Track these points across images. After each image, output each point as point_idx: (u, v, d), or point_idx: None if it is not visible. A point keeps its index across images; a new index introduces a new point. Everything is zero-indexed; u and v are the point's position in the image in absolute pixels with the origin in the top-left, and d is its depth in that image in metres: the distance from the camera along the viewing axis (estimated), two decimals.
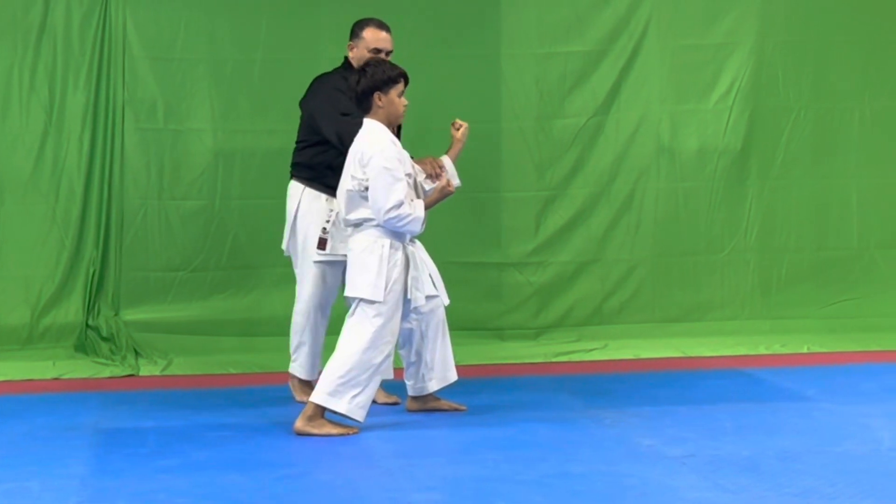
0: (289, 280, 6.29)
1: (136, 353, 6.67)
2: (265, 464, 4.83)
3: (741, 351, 7.01)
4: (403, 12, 6.93)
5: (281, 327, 6.50)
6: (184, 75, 6.77)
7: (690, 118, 7.20)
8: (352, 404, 5.18)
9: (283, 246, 5.89)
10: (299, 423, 5.22)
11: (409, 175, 5.34)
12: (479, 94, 7.04)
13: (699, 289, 7.25)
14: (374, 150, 5.25)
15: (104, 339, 6.70)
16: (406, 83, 5.39)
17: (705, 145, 7.22)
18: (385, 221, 5.23)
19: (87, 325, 6.74)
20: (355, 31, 5.86)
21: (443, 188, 5.41)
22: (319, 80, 5.85)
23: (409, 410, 5.62)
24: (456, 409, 5.63)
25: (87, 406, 5.81)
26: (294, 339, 5.86)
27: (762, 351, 7.03)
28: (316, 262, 5.74)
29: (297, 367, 5.86)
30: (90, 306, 6.75)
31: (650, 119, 7.17)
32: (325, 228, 5.72)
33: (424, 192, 5.46)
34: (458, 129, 5.67)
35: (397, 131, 5.59)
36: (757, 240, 7.29)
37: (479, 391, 6.07)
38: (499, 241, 7.10)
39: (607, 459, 4.79)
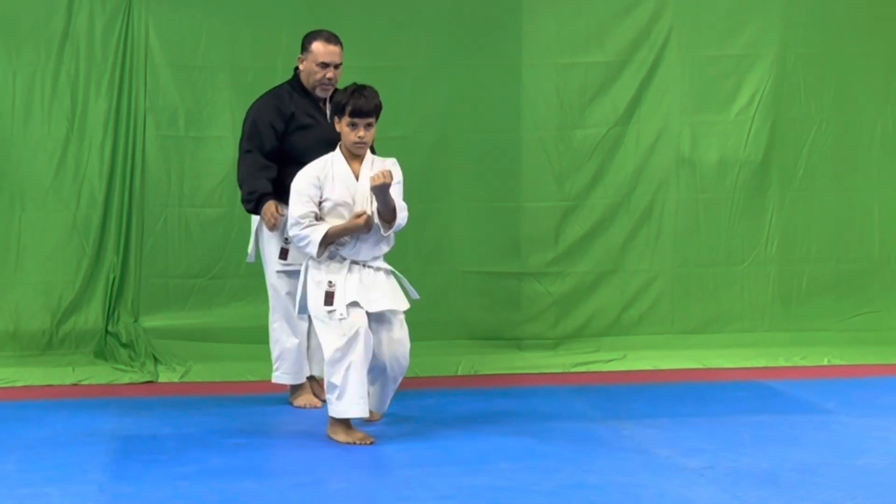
0: None
1: (155, 360, 6.68)
2: (282, 471, 4.84)
3: (760, 363, 6.98)
4: (424, 22, 6.96)
5: None
6: (205, 83, 6.79)
7: (711, 129, 7.18)
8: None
9: (250, 253, 5.99)
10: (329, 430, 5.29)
11: (332, 200, 5.20)
12: (499, 104, 7.03)
13: (719, 300, 7.22)
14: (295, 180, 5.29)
15: (123, 345, 6.72)
16: (359, 116, 5.16)
17: (726, 156, 7.20)
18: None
19: (107, 332, 6.76)
20: (304, 45, 5.87)
21: (354, 218, 5.21)
22: (257, 101, 5.91)
23: None
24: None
25: (106, 412, 5.83)
26: (274, 349, 5.94)
27: (781, 363, 7.00)
28: (279, 271, 5.82)
29: (282, 374, 5.94)
30: (110, 313, 6.77)
31: (670, 130, 7.16)
32: (286, 239, 5.75)
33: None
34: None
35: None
36: (777, 251, 7.27)
37: (496, 400, 6.07)
38: (518, 250, 7.09)
39: (624, 470, 4.78)
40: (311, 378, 6.06)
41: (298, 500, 4.42)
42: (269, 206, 5.73)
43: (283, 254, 5.81)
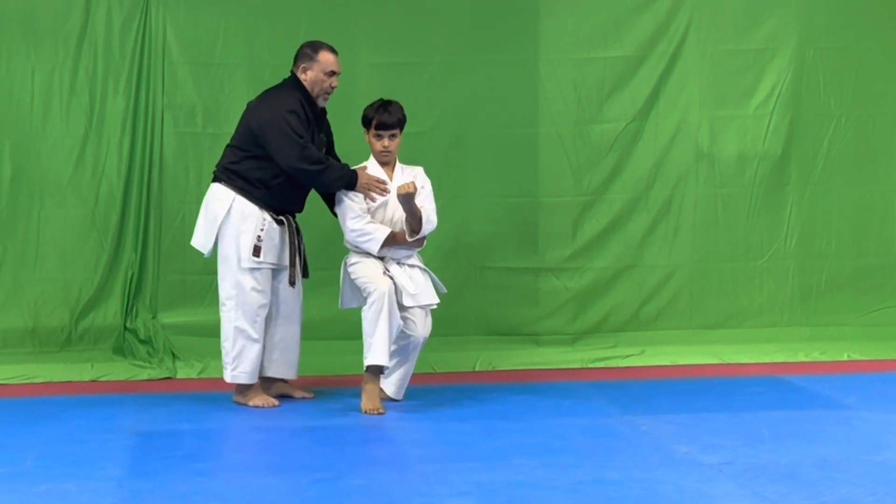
0: (324, 284, 6.32)
1: (174, 356, 6.70)
2: (300, 467, 4.83)
3: (780, 358, 6.96)
4: (441, 18, 6.95)
5: (316, 331, 6.53)
6: (222, 80, 6.80)
7: (730, 124, 7.15)
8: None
9: (198, 245, 5.91)
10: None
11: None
12: (516, 99, 7.02)
13: (738, 295, 7.20)
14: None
15: (142, 341, 6.74)
16: (384, 129, 5.80)
17: (745, 151, 7.17)
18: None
19: (126, 328, 6.78)
20: (308, 54, 5.87)
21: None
22: (273, 96, 5.86)
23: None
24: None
25: (125, 408, 5.85)
26: (233, 347, 5.79)
27: (801, 358, 6.98)
28: (250, 268, 5.75)
29: (240, 373, 5.80)
30: (128, 309, 6.79)
31: (689, 124, 7.13)
32: (259, 236, 5.74)
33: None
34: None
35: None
36: (797, 246, 7.23)
37: (514, 396, 6.06)
38: (536, 246, 7.08)
39: (643, 466, 4.77)
40: (271, 379, 5.99)
41: (316, 496, 4.42)
42: (365, 175, 5.77)
43: (256, 251, 5.76)
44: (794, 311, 7.23)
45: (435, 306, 5.89)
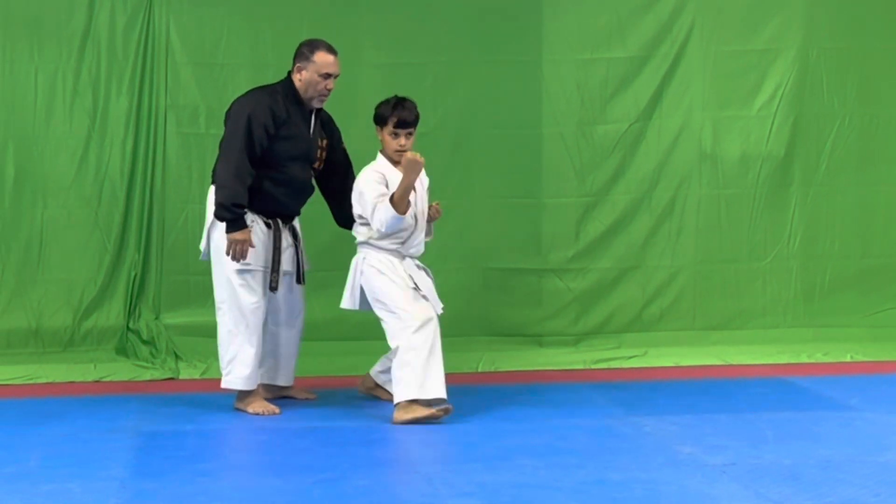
0: (326, 285, 6.31)
1: (177, 357, 6.70)
2: (304, 468, 4.83)
3: (783, 359, 6.96)
4: (444, 18, 6.95)
5: (318, 331, 6.53)
6: (226, 80, 6.80)
7: (733, 124, 7.15)
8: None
9: (202, 247, 5.87)
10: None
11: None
12: (520, 99, 7.02)
13: (741, 296, 7.19)
14: (358, 181, 5.68)
15: (145, 342, 6.74)
16: (402, 126, 5.61)
17: (748, 152, 7.16)
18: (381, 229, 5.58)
19: (128, 329, 6.78)
20: (304, 53, 5.74)
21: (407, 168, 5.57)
22: (245, 96, 5.79)
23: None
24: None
25: (128, 408, 5.86)
26: (228, 351, 5.72)
27: (804, 359, 6.97)
28: (239, 270, 5.68)
29: (235, 378, 5.70)
30: (131, 309, 6.79)
31: (692, 125, 7.13)
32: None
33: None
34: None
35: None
36: (800, 247, 7.23)
37: (517, 397, 6.06)
38: (539, 247, 7.08)
39: (646, 467, 4.77)
40: (271, 386, 5.96)
41: (320, 497, 4.42)
42: (248, 235, 5.60)
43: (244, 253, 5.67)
44: (798, 312, 7.22)
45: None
